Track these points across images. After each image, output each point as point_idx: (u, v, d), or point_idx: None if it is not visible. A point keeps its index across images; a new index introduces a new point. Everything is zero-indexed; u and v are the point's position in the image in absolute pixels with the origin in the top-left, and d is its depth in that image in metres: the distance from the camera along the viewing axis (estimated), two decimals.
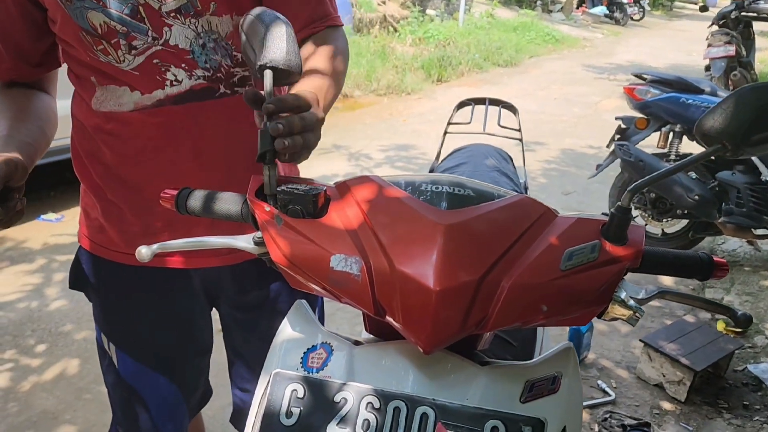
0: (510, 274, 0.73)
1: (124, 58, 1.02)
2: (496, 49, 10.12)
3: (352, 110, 6.84)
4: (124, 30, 1.00)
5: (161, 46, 1.01)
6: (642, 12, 17.70)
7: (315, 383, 0.76)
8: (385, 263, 0.73)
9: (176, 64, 1.03)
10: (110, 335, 1.22)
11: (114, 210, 1.15)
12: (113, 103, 1.06)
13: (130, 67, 1.02)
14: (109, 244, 1.17)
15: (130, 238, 1.14)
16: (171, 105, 1.05)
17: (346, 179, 0.83)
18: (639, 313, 0.76)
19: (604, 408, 2.37)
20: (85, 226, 1.21)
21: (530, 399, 0.76)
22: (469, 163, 1.73)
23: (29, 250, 3.40)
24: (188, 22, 1.01)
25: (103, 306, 1.22)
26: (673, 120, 3.42)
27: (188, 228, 1.09)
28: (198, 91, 1.05)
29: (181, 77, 1.04)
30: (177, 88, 1.04)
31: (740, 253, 3.76)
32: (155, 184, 1.06)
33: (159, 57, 1.02)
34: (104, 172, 1.13)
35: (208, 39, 1.04)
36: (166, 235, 0.90)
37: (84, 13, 0.98)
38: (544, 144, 5.79)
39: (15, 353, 2.59)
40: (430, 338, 0.70)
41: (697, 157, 0.77)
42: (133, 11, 0.99)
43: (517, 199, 0.80)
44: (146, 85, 1.03)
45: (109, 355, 1.23)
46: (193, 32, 1.02)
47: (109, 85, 1.05)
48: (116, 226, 1.15)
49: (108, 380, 1.27)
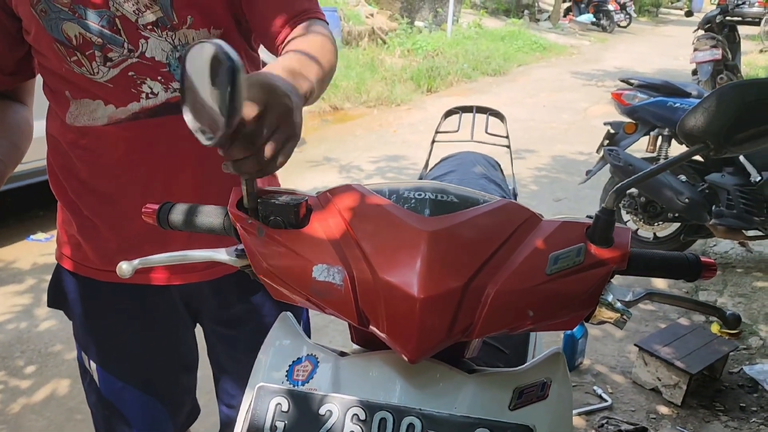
0: (495, 279, 0.72)
1: (98, 70, 1.00)
2: (485, 59, 10.17)
3: (343, 122, 6.84)
4: (100, 42, 0.99)
5: (137, 58, 1.00)
6: (628, 18, 17.85)
7: (299, 396, 0.75)
8: (367, 272, 0.72)
9: (152, 76, 1.02)
10: (90, 353, 1.20)
11: (89, 226, 1.13)
12: (87, 118, 1.05)
13: (105, 79, 1.01)
14: (86, 261, 1.16)
15: (106, 255, 1.12)
16: (146, 118, 1.03)
17: (328, 188, 0.82)
18: (626, 316, 0.75)
19: (601, 414, 2.36)
20: (62, 244, 1.20)
21: (519, 406, 0.75)
22: (457, 171, 1.72)
23: (18, 271, 3.37)
24: (165, 35, 1.00)
25: (82, 324, 1.20)
26: (661, 124, 3.44)
27: (164, 243, 1.08)
28: (174, 104, 1.04)
29: (157, 90, 1.03)
30: (153, 101, 1.03)
31: (732, 254, 3.76)
32: (130, 199, 1.05)
33: (134, 69, 1.01)
34: (79, 188, 1.11)
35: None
36: (143, 250, 0.89)
37: (59, 24, 0.97)
38: (534, 151, 5.80)
39: (4, 375, 2.55)
40: (415, 347, 0.69)
41: (680, 156, 0.76)
42: (109, 23, 0.98)
43: (501, 204, 0.79)
44: (121, 98, 1.02)
45: (90, 374, 1.21)
46: (170, 45, 1.01)
47: (83, 98, 1.04)
48: (92, 242, 1.14)
49: (90, 399, 1.25)
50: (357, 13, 10.01)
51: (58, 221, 1.21)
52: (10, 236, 3.74)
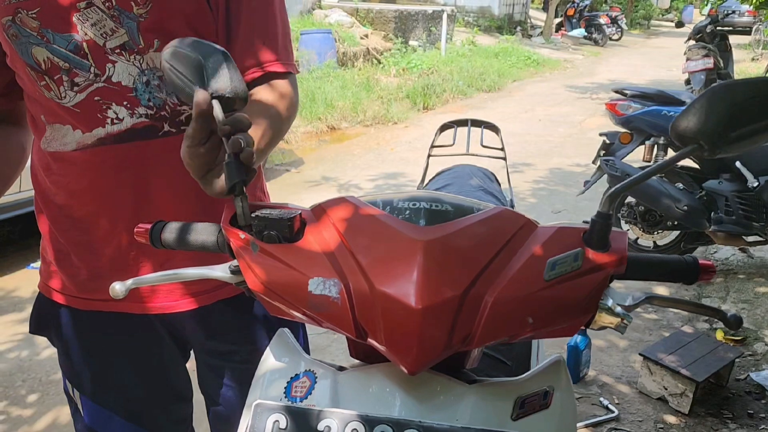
0: (493, 287, 0.71)
1: (65, 94, 1.00)
2: (479, 75, 10.24)
3: (340, 142, 6.87)
4: (67, 66, 0.98)
5: (103, 83, 0.99)
6: (620, 32, 18.03)
7: (297, 412, 0.74)
8: (364, 284, 0.71)
9: (117, 101, 1.00)
10: (74, 382, 1.17)
11: (63, 252, 1.11)
12: (58, 143, 1.04)
13: (71, 104, 1.00)
14: (64, 289, 1.13)
15: (79, 282, 1.10)
16: (112, 143, 1.02)
17: (322, 202, 0.81)
18: (627, 320, 0.75)
19: (608, 425, 2.33)
20: (42, 271, 1.18)
21: (522, 416, 0.74)
22: (454, 184, 1.72)
23: (19, 299, 3.36)
24: (132, 59, 0.99)
25: (65, 352, 1.17)
26: (656, 133, 3.44)
27: (136, 269, 1.06)
28: (140, 130, 1.02)
29: (123, 115, 1.01)
30: (117, 127, 1.01)
31: (733, 261, 3.75)
32: (100, 226, 1.04)
33: (100, 94, 1.00)
34: (55, 214, 1.10)
35: (153, 76, 1.01)
36: (113, 278, 0.86)
37: (29, 48, 0.97)
38: (531, 165, 5.81)
39: (6, 404, 2.53)
40: (415, 358, 0.68)
41: (673, 158, 0.76)
42: (76, 47, 0.97)
43: (497, 212, 0.79)
44: (87, 123, 1.01)
45: (75, 402, 1.18)
46: (137, 69, 1.00)
47: (55, 123, 1.03)
48: (65, 270, 1.12)
49: (77, 428, 1.22)
50: (351, 34, 10.10)
51: (40, 248, 1.19)
52: (10, 265, 3.73)
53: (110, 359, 1.16)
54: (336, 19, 10.57)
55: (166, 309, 1.11)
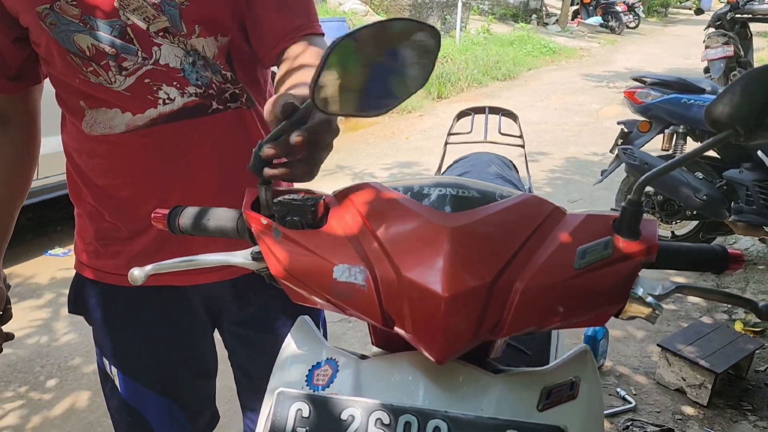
0: (522, 275, 0.69)
1: (114, 79, 1.01)
2: (494, 64, 10.15)
3: (355, 130, 6.84)
4: (114, 52, 0.99)
5: (152, 65, 1.01)
6: (637, 19, 17.75)
7: (320, 401, 0.73)
8: (391, 271, 0.70)
9: (168, 82, 1.02)
10: (111, 358, 1.20)
11: (109, 232, 1.13)
12: (103, 126, 1.05)
13: (122, 88, 1.01)
14: (105, 267, 1.15)
15: (125, 260, 1.12)
16: (163, 124, 1.04)
17: (345, 187, 0.80)
18: (658, 310, 0.73)
19: (625, 416, 2.31)
20: (80, 252, 1.20)
21: (548, 406, 0.72)
22: (472, 171, 1.70)
23: (37, 286, 3.39)
24: (176, 41, 1.01)
25: (102, 329, 1.20)
26: (675, 121, 3.39)
27: (183, 248, 1.06)
28: (190, 109, 1.04)
29: (174, 95, 1.03)
30: (170, 107, 1.03)
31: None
32: (150, 204, 1.04)
33: (150, 76, 1.01)
34: (99, 195, 1.11)
35: (198, 57, 1.04)
36: (161, 255, 0.88)
37: (70, 36, 0.97)
38: (547, 153, 5.76)
39: (25, 389, 2.56)
40: (442, 347, 0.67)
41: (710, 142, 0.74)
42: (121, 33, 0.98)
43: (524, 198, 0.77)
44: (138, 105, 1.02)
45: (111, 379, 1.21)
46: (183, 50, 1.02)
47: (99, 108, 1.04)
48: (111, 248, 1.14)
49: (111, 405, 1.24)
50: (366, 23, 10.04)
51: (76, 230, 1.21)
52: (28, 252, 3.77)
53: (147, 335, 1.18)
54: (350, 8, 10.52)
55: (205, 279, 1.14)
